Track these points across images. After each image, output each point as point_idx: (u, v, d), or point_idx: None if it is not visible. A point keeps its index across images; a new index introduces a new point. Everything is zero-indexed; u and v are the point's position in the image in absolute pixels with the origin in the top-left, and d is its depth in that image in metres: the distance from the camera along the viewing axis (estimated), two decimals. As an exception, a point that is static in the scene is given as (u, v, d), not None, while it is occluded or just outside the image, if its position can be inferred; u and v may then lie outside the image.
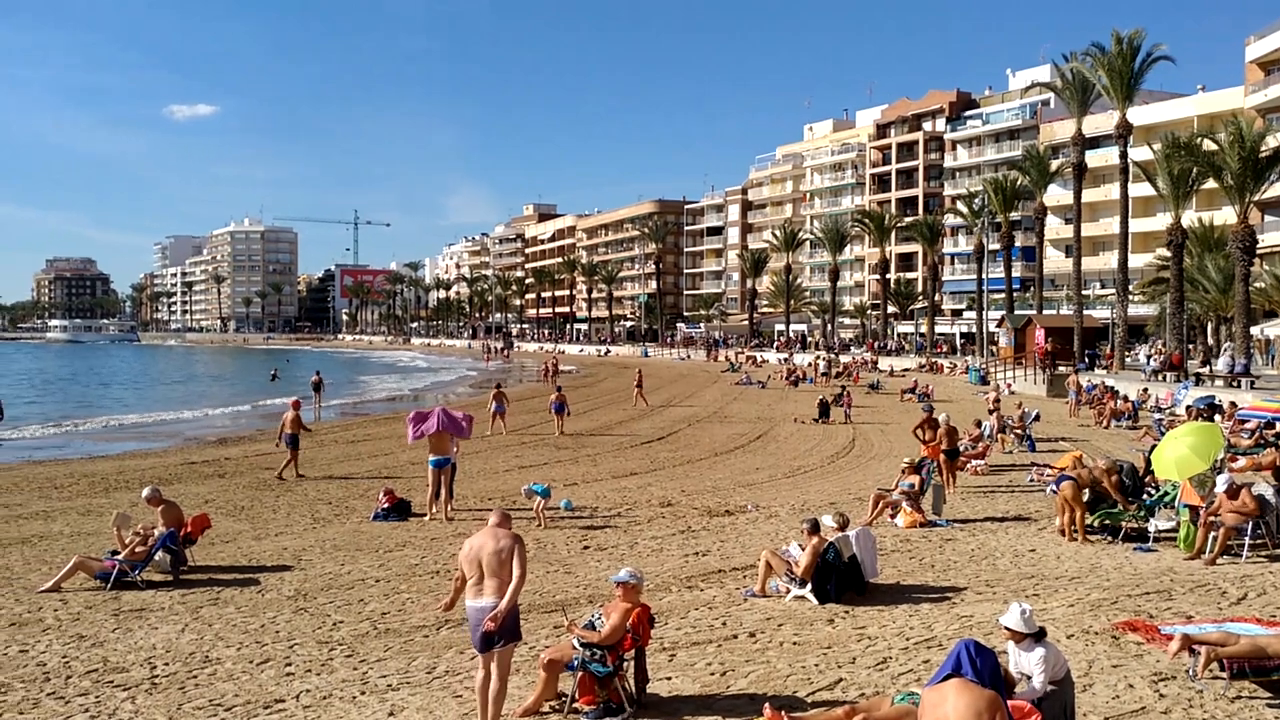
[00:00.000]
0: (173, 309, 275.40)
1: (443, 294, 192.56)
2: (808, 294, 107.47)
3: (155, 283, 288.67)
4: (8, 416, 33.17)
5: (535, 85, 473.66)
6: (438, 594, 12.08)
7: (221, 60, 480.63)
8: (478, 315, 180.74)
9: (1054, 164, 68.02)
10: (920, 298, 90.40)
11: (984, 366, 59.15)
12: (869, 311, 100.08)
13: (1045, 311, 66.64)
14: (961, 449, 21.38)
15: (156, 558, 13.11)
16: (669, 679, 8.95)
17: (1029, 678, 7.32)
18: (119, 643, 10.34)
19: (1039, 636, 7.43)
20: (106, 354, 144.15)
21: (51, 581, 12.62)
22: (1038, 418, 30.79)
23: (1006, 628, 7.48)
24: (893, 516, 16.56)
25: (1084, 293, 62.66)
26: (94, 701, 8.62)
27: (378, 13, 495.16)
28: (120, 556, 12.84)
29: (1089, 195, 65.39)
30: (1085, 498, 15.26)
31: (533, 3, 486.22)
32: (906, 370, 67.21)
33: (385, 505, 17.88)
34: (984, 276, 71.08)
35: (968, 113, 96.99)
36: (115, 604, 11.93)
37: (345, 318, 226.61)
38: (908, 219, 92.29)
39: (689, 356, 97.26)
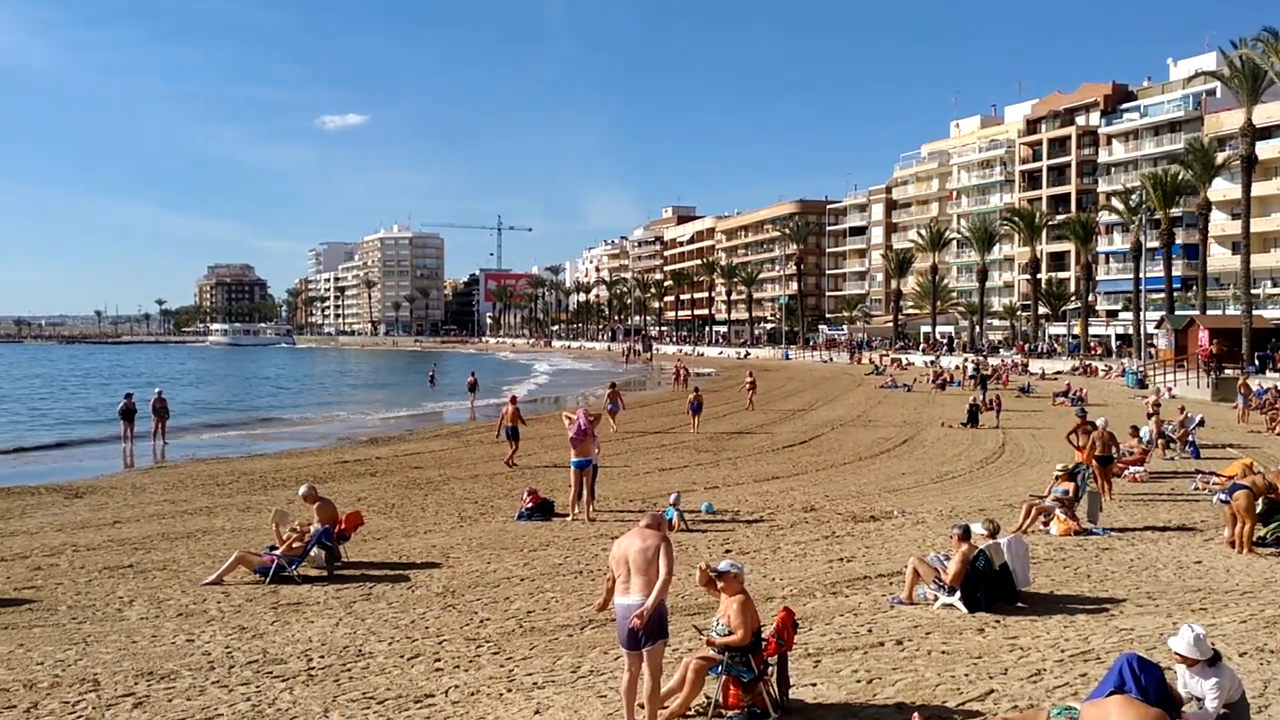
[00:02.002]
0: (326, 313, 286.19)
1: (582, 297, 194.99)
2: (954, 295, 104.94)
3: (309, 288, 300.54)
4: (173, 415, 34.88)
5: (676, 88, 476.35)
6: (581, 594, 12.20)
7: (370, 71, 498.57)
8: (617, 318, 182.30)
9: (1219, 156, 64.75)
10: (1073, 298, 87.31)
11: (1142, 369, 56.70)
12: (1019, 313, 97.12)
13: (1209, 312, 63.44)
14: (1118, 454, 20.51)
15: (312, 553, 13.59)
16: (813, 685, 8.81)
17: (1199, 700, 6.91)
18: (277, 635, 10.75)
19: (1213, 661, 6.95)
20: (264, 356, 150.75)
21: (215, 575, 13.21)
22: (1201, 423, 29.36)
23: (1176, 653, 7.01)
24: (1045, 524, 15.99)
25: (1253, 291, 59.43)
26: (255, 691, 8.96)
27: (522, 20, 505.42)
28: (278, 552, 13.36)
29: (1259, 189, 62.10)
30: (1258, 508, 14.44)
31: (674, 5, 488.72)
32: (1059, 373, 64.91)
33: (529, 505, 18.15)
34: (1142, 275, 68.24)
35: (1124, 105, 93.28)
36: (274, 597, 12.41)
37: (489, 321, 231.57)
38: (1059, 217, 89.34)
39: (831, 359, 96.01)
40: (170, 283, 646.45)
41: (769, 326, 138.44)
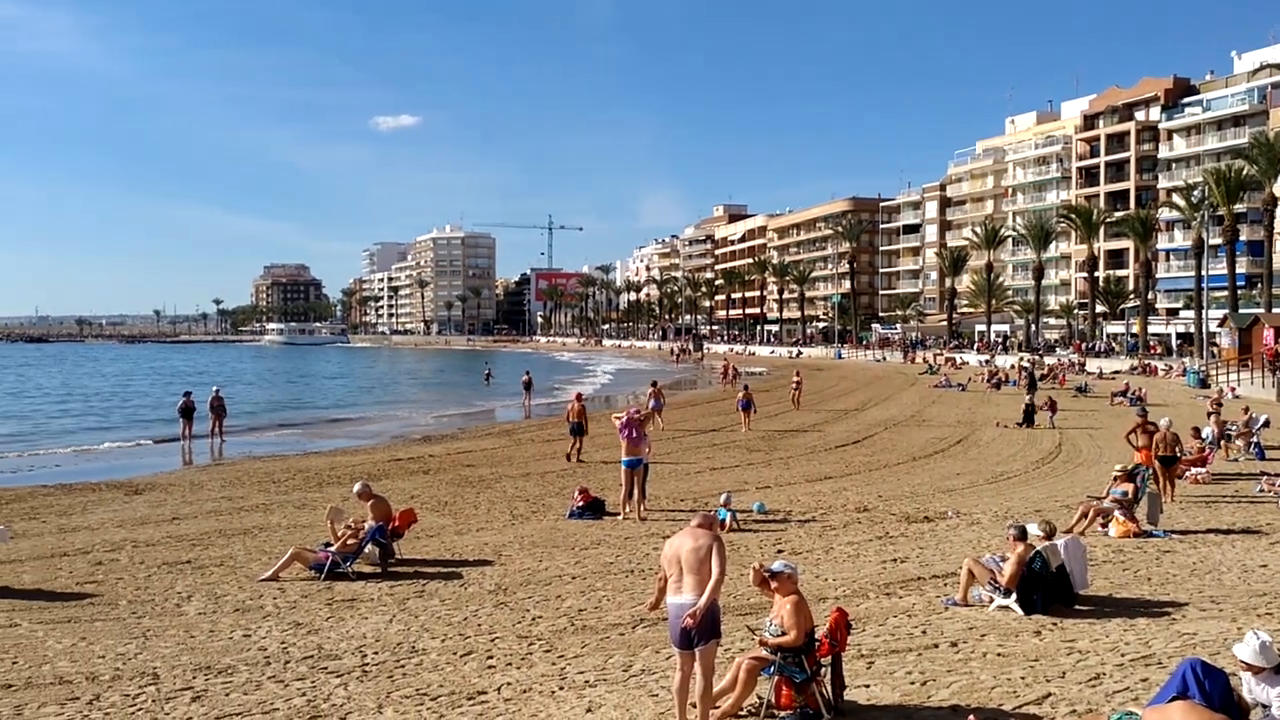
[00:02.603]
0: (379, 312, 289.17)
1: (633, 296, 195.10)
2: (1010, 293, 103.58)
3: (363, 287, 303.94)
4: (230, 413, 35.43)
5: (727, 86, 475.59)
6: (633, 593, 12.19)
7: (423, 72, 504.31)
8: (667, 317, 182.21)
9: (1286, 150, 63.26)
10: (1131, 296, 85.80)
11: (1204, 369, 55.55)
12: (1075, 311, 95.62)
13: (1275, 310, 62.03)
14: (1181, 455, 20.09)
15: (366, 550, 13.72)
16: (867, 686, 8.72)
17: (1265, 707, 6.73)
18: (332, 631, 10.85)
19: (1280, 669, 6.78)
20: (319, 356, 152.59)
21: (271, 571, 13.37)
22: (1267, 424, 28.67)
23: (1242, 660, 6.83)
24: (1104, 526, 15.71)
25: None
26: (310, 686, 9.05)
27: (572, 19, 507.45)
28: (333, 548, 13.49)
29: (1327, 183, 60.56)
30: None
31: (723, 3, 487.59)
32: (1117, 373, 63.78)
33: (580, 504, 18.17)
34: (1204, 273, 66.77)
35: (1185, 100, 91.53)
36: (328, 594, 12.53)
37: (540, 320, 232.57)
38: (1118, 214, 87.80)
39: (885, 358, 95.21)
40: (227, 283, 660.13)
41: (821, 325, 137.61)
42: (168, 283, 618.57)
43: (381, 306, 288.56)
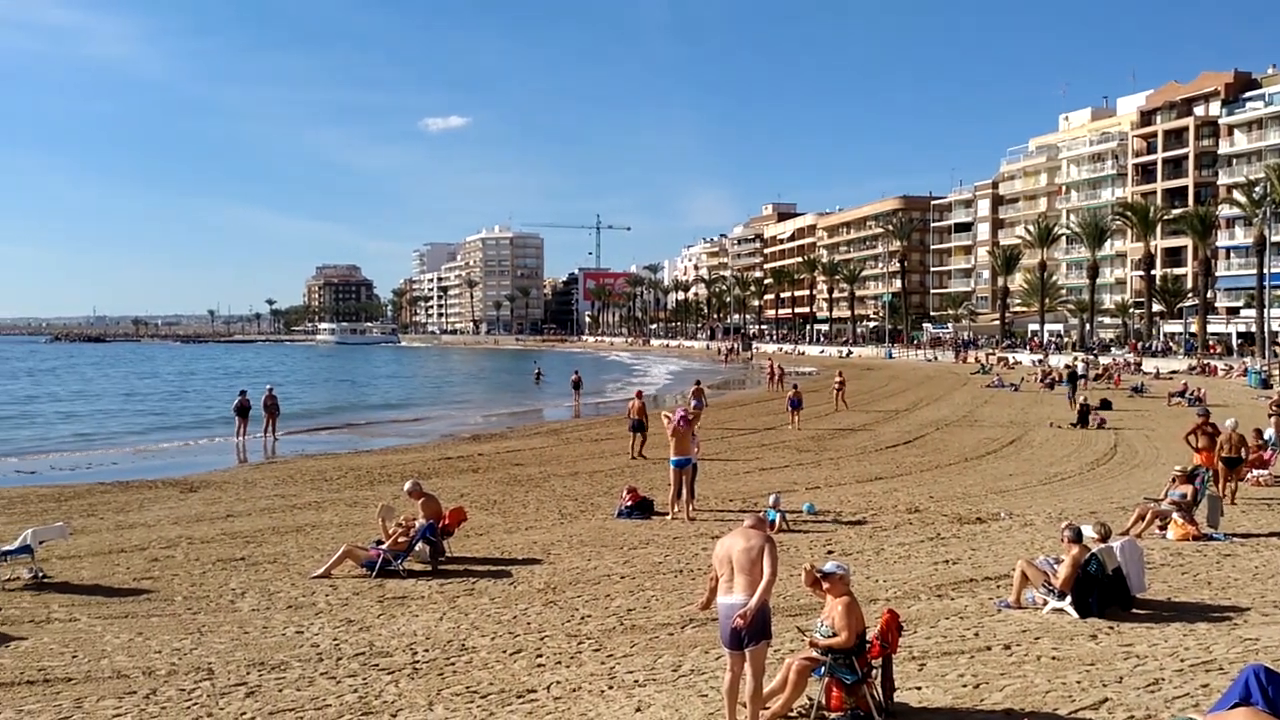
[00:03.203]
0: (429, 312, 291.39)
1: (681, 295, 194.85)
2: (1063, 292, 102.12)
3: (413, 288, 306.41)
4: (282, 412, 35.86)
5: (775, 84, 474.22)
6: (682, 593, 12.15)
7: (471, 73, 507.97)
8: (715, 316, 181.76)
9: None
10: (1190, 295, 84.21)
11: (1265, 368, 54.39)
12: (1131, 310, 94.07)
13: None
14: (1245, 457, 19.67)
15: (417, 548, 13.80)
16: (918, 689, 8.62)
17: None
18: (383, 628, 10.93)
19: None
20: (370, 355, 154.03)
21: (323, 568, 13.50)
22: (1330, 424, 27.95)
23: None
24: (1161, 529, 15.41)
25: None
26: (361, 683, 9.11)
27: (621, 18, 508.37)
28: (384, 546, 13.59)
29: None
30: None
31: (772, 2, 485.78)
32: (1174, 373, 62.68)
33: (629, 503, 18.16)
34: (1266, 270, 65.40)
35: (1247, 94, 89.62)
36: (380, 591, 12.63)
37: (588, 320, 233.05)
38: (1175, 211, 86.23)
39: (936, 358, 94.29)
40: (280, 283, 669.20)
41: (872, 325, 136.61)
42: (222, 283, 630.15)
43: (431, 306, 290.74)
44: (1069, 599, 10.93)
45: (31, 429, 40.90)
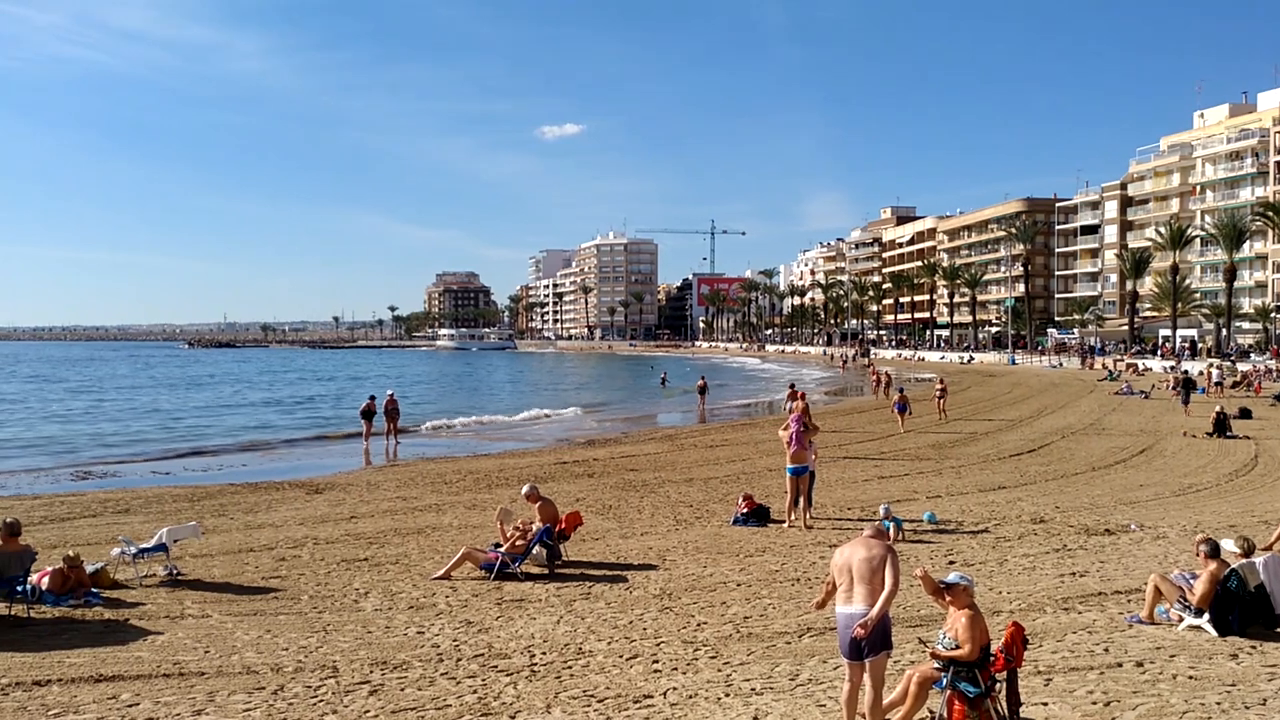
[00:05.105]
0: (545, 318, 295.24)
1: (796, 300, 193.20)
2: (1197, 296, 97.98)
3: (530, 294, 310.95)
4: (404, 415, 36.66)
5: (893, 86, 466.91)
6: (799, 601, 12.02)
7: (587, 81, 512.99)
8: (832, 322, 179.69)
9: None
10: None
11: None
12: (1273, 314, 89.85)
13: None
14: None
15: (534, 551, 13.95)
16: (1045, 704, 8.35)
17: None
18: (501, 630, 11.06)
19: None
20: (488, 360, 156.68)
21: (443, 570, 13.74)
22: None
23: None
24: (1308, 543, 14.64)
25: None
26: (481, 684, 9.23)
27: (737, 22, 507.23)
28: (503, 549, 13.77)
29: None
30: None
31: (891, 3, 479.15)
32: (1319, 379, 59.65)
33: (744, 510, 18.05)
34: None
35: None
36: (498, 593, 12.79)
37: (702, 325, 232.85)
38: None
39: (1061, 364, 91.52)
40: (401, 290, 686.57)
41: (994, 330, 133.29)
42: (346, 290, 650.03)
43: (547, 312, 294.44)
44: (1207, 616, 10.47)
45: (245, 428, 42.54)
